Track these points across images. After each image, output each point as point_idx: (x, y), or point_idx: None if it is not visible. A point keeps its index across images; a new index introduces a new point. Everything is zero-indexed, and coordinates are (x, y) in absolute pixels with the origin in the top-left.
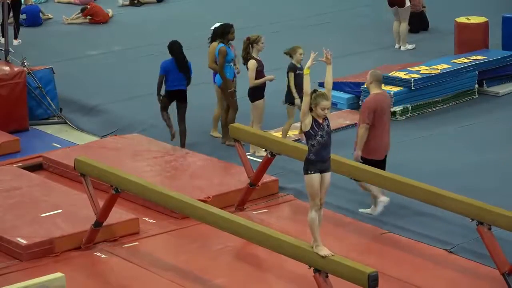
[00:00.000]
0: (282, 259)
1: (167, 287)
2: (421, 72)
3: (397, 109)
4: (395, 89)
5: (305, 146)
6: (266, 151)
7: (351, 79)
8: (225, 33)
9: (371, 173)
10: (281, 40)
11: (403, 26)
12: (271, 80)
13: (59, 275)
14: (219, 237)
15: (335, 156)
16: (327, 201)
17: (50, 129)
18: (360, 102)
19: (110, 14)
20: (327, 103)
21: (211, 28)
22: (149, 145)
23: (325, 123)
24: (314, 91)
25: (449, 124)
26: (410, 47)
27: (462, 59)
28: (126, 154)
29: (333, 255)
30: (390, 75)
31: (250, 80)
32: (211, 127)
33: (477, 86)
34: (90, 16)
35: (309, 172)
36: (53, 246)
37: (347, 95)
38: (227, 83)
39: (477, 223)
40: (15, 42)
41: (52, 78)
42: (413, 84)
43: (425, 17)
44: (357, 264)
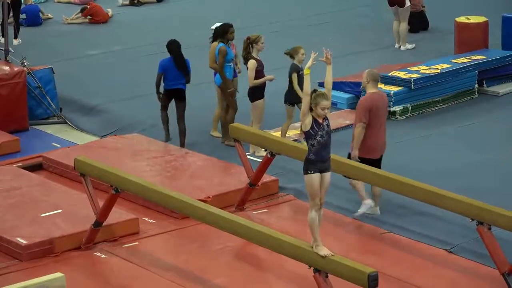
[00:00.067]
0: (282, 259)
1: (167, 287)
2: (421, 72)
3: (397, 108)
4: (395, 89)
5: (305, 146)
6: (266, 151)
7: (351, 79)
8: (225, 32)
9: (371, 173)
10: (281, 40)
11: (403, 26)
12: (271, 80)
13: (59, 275)
14: (219, 237)
15: (335, 156)
16: (327, 201)
17: (50, 129)
18: None
19: (110, 14)
20: (327, 103)
21: (211, 28)
22: (149, 145)
23: (325, 123)
24: (314, 91)
25: (449, 124)
26: (410, 46)
27: (462, 59)
28: (126, 154)
29: (333, 255)
30: (390, 75)
31: (249, 80)
32: (211, 127)
33: (477, 85)
34: (90, 16)
35: (309, 172)
36: (53, 246)
37: (347, 95)
38: (227, 83)
39: (477, 223)
40: (15, 42)
41: (52, 78)
42: (413, 83)
43: (425, 16)
44: (357, 264)
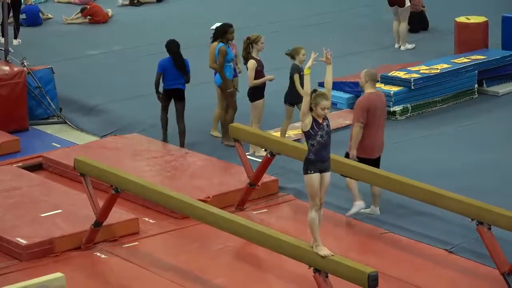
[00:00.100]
0: (282, 259)
1: (167, 287)
2: (421, 71)
3: (397, 108)
4: (395, 89)
5: (304, 146)
6: (265, 151)
7: (351, 79)
8: (224, 32)
9: (371, 173)
10: (281, 40)
11: (403, 26)
12: (271, 80)
13: (59, 275)
14: (219, 237)
15: (334, 155)
16: (327, 201)
17: (50, 129)
18: None
19: (109, 14)
20: (327, 103)
21: (211, 28)
22: (149, 145)
23: (325, 123)
24: (314, 91)
25: (449, 123)
26: (410, 46)
27: (462, 58)
28: (126, 154)
29: (333, 255)
30: (390, 74)
31: (249, 80)
32: (211, 126)
33: (477, 85)
34: (89, 16)
35: (309, 172)
36: (53, 246)
37: (347, 95)
38: (227, 83)
39: (477, 223)
40: (15, 42)
41: (52, 78)
42: (413, 83)
43: (425, 16)
44: (357, 264)
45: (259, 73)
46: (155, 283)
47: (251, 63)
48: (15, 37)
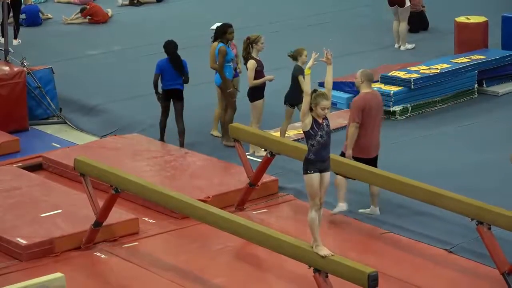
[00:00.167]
0: (282, 259)
1: (167, 287)
2: (421, 71)
3: (397, 108)
4: (394, 89)
5: (304, 145)
6: (265, 151)
7: (351, 79)
8: (224, 32)
9: (370, 173)
10: (281, 40)
11: (403, 26)
12: (271, 80)
13: (59, 275)
14: (219, 237)
15: (334, 155)
16: (327, 201)
17: (49, 129)
18: None
19: (109, 14)
20: (327, 103)
21: (211, 28)
22: (148, 145)
23: (324, 123)
24: (314, 91)
25: (449, 123)
26: (409, 46)
27: (461, 58)
28: (125, 154)
29: (333, 255)
30: (390, 74)
31: (249, 80)
32: (211, 126)
33: (476, 85)
34: (89, 16)
35: (309, 171)
36: (53, 246)
37: (347, 95)
38: (226, 83)
39: (477, 223)
40: (14, 42)
41: (51, 78)
42: (412, 83)
43: (425, 16)
44: (357, 264)
45: (259, 73)
46: (155, 283)
47: (251, 63)
48: (15, 37)
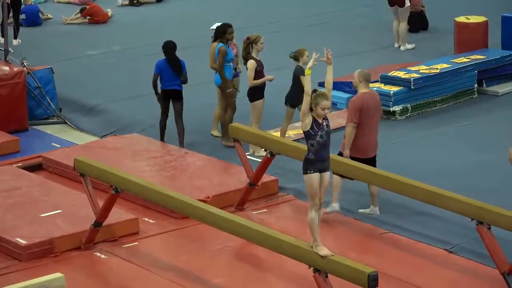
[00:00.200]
0: (282, 259)
1: (167, 287)
2: (421, 71)
3: (397, 108)
4: (394, 89)
5: (304, 146)
6: (265, 151)
7: (351, 79)
8: (223, 33)
9: (370, 173)
10: (281, 40)
11: (402, 26)
12: (271, 80)
13: (58, 275)
14: (219, 237)
15: (333, 155)
16: (327, 201)
17: (49, 129)
18: None
19: (109, 14)
20: (327, 103)
21: (211, 28)
22: (148, 145)
23: (324, 123)
24: (314, 91)
25: (449, 123)
26: (409, 47)
27: (461, 58)
28: (125, 154)
29: (332, 255)
30: (389, 74)
31: (249, 80)
32: (212, 126)
33: (476, 85)
34: (89, 16)
35: (308, 171)
36: (52, 246)
37: (347, 95)
38: (226, 83)
39: (477, 223)
40: (14, 42)
41: (51, 78)
42: (412, 83)
43: (425, 16)
44: (356, 264)
45: (258, 73)
46: (155, 283)
47: (251, 63)
48: (15, 37)
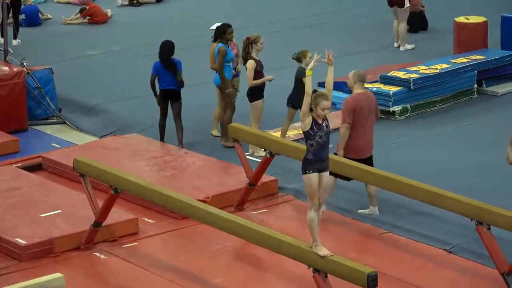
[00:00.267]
0: (281, 259)
1: (166, 287)
2: (420, 72)
3: (396, 108)
4: (394, 89)
5: (304, 146)
6: (265, 151)
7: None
8: (223, 33)
9: (370, 173)
10: (281, 40)
11: (402, 26)
12: (270, 80)
13: (58, 275)
14: (219, 237)
15: (333, 155)
16: (326, 200)
17: (49, 129)
18: None
19: (109, 14)
20: (327, 103)
21: (211, 28)
22: (148, 145)
23: (324, 124)
24: (314, 91)
25: (449, 123)
26: (409, 47)
27: (461, 59)
28: (125, 154)
29: (332, 255)
30: (389, 74)
31: (248, 80)
32: (211, 126)
33: (476, 85)
34: (89, 16)
35: (308, 171)
36: (52, 246)
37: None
38: (225, 83)
39: (476, 223)
40: (14, 42)
41: (51, 78)
42: (412, 83)
43: (424, 17)
44: (356, 264)
45: (258, 74)
46: (155, 284)
47: (250, 64)
48: (15, 37)
